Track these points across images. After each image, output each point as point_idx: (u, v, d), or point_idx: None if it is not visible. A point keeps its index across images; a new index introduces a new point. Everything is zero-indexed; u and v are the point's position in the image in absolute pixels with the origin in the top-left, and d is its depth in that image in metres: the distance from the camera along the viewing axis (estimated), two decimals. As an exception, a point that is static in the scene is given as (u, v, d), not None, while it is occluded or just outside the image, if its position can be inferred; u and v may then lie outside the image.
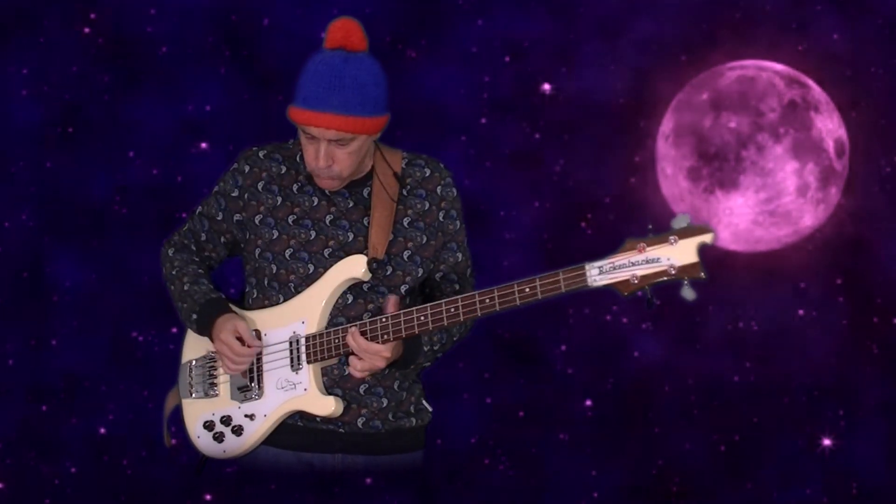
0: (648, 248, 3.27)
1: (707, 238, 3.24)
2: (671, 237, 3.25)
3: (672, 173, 6.26)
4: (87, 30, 6.28)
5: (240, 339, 3.69)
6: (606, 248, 6.27)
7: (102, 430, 6.32)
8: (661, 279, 3.26)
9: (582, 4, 6.34)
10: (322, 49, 3.63)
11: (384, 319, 3.57)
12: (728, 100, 6.24)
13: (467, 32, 6.36)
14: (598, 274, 3.33)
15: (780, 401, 6.30)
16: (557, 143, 6.36)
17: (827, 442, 6.28)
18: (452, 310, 3.54)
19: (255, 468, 3.75)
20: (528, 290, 3.42)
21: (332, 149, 3.59)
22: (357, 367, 3.60)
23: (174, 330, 6.17)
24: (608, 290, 6.26)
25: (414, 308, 3.56)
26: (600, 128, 6.36)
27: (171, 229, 6.09)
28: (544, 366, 6.38)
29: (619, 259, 3.30)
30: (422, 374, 3.87)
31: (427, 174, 3.78)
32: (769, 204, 6.19)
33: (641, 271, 3.27)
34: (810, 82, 6.27)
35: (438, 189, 3.78)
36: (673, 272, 3.25)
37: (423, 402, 3.84)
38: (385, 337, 3.58)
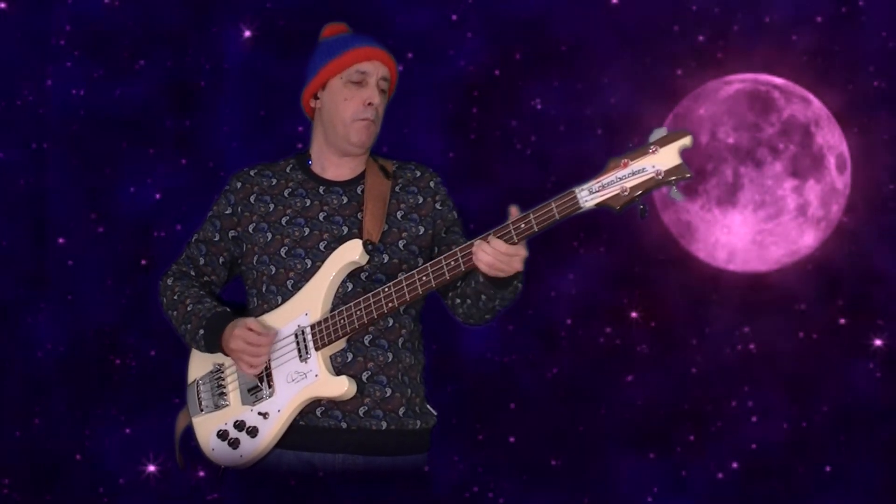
0: (632, 162, 3.44)
1: (686, 141, 3.41)
2: (651, 147, 3.43)
3: (667, 190, 6.21)
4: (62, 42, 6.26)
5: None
6: (601, 264, 6.30)
7: (78, 457, 6.28)
8: (650, 186, 3.43)
9: (575, 17, 6.31)
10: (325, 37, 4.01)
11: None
12: (726, 114, 6.22)
13: (456, 46, 6.35)
14: (589, 195, 3.49)
15: (779, 426, 6.27)
16: (549, 158, 6.33)
17: (828, 469, 6.23)
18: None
19: (258, 469, 3.83)
20: (523, 225, 3.55)
21: (377, 90, 3.89)
22: (486, 264, 3.63)
23: (152, 353, 6.17)
24: (603, 308, 6.27)
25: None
26: (593, 143, 6.31)
27: (146, 247, 6.21)
28: (535, 391, 6.34)
29: (606, 177, 3.47)
30: (424, 376, 3.95)
31: (418, 175, 3.99)
32: (768, 222, 6.18)
33: (630, 183, 3.43)
34: (811, 96, 6.27)
35: (431, 184, 3.97)
36: (660, 177, 3.41)
37: (427, 405, 3.92)
38: (519, 237, 3.61)
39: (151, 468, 6.17)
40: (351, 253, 3.76)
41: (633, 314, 6.35)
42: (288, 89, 6.21)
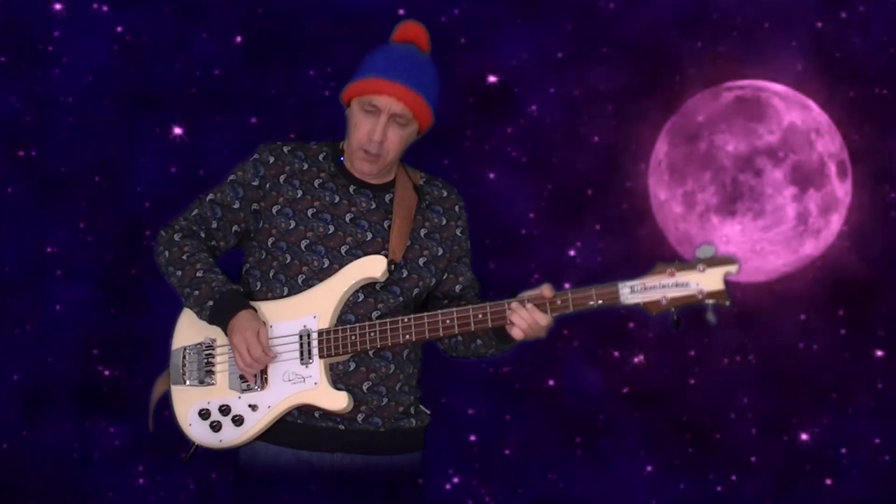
0: (678, 273, 3.59)
1: (732, 269, 3.57)
2: (699, 265, 3.58)
3: (665, 199, 6.22)
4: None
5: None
6: (596, 277, 6.27)
7: (67, 469, 6.27)
8: (689, 302, 3.58)
9: (571, 23, 6.28)
10: (391, 41, 3.92)
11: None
12: (725, 122, 6.19)
13: (451, 52, 6.32)
14: (630, 293, 3.62)
15: (779, 439, 6.25)
16: (545, 167, 6.31)
17: (829, 482, 6.22)
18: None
19: (255, 467, 3.83)
20: (559, 303, 3.66)
21: (389, 125, 3.81)
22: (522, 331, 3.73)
23: (142, 363, 6.14)
24: (600, 319, 6.27)
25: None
26: (590, 150, 6.29)
27: (136, 256, 6.19)
28: (531, 402, 6.31)
29: (651, 281, 3.60)
30: (420, 380, 3.96)
31: (444, 195, 3.98)
32: (768, 231, 6.15)
33: (672, 293, 3.58)
34: (811, 103, 6.26)
35: (456, 208, 3.98)
36: (701, 297, 3.57)
37: (421, 405, 3.95)
38: (555, 313, 3.72)
39: (141, 481, 6.16)
40: (373, 269, 3.77)
41: (631, 324, 6.33)
42: (279, 96, 6.26)
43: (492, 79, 6.37)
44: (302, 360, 3.75)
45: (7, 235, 6.26)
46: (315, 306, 3.77)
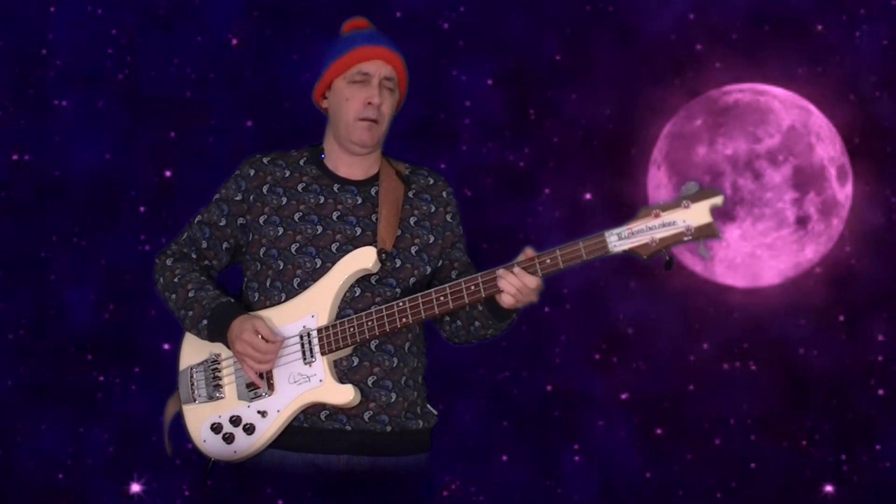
0: (663, 213, 3.55)
1: (718, 200, 3.53)
2: (684, 201, 3.54)
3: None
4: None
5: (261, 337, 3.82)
6: (596, 279, 6.27)
7: (60, 476, 6.26)
8: (679, 240, 3.54)
9: (570, 26, 6.28)
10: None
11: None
12: (724, 125, 6.19)
13: (449, 55, 6.32)
14: (618, 240, 3.59)
15: (779, 445, 6.25)
16: (543, 171, 6.31)
17: (829, 488, 6.22)
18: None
19: (260, 470, 3.85)
20: (549, 261, 3.65)
21: (381, 90, 3.90)
22: (512, 298, 3.73)
23: (136, 370, 6.13)
24: (598, 324, 6.25)
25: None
26: (588, 154, 6.29)
27: (131, 262, 6.17)
28: (529, 408, 6.31)
29: (637, 225, 3.57)
30: (426, 378, 3.98)
31: (431, 182, 4.01)
32: (767, 236, 6.14)
33: (660, 234, 3.55)
34: (811, 107, 6.25)
35: (444, 194, 4.00)
36: (690, 233, 3.53)
37: (428, 405, 3.96)
38: (546, 272, 3.72)
39: (136, 488, 6.15)
40: (364, 260, 3.79)
41: (629, 330, 6.32)
42: (275, 99, 6.25)
43: (489, 82, 6.38)
44: (305, 359, 3.77)
45: (2, 239, 6.25)
46: (312, 306, 3.80)
